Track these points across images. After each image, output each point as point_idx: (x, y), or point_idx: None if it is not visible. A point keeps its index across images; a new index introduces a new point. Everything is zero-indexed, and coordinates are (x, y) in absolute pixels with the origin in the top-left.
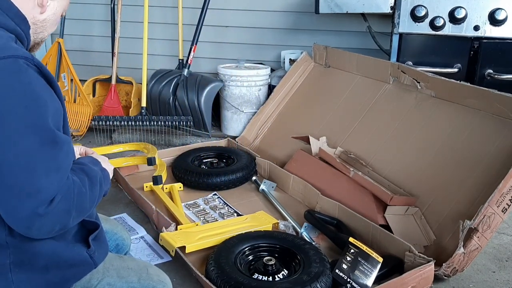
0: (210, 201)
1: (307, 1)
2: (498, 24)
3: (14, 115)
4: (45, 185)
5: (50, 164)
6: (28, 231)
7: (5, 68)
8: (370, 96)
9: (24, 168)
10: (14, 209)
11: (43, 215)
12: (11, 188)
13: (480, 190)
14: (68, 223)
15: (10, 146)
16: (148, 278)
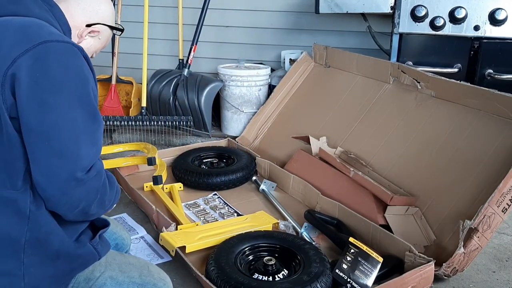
0: (210, 201)
1: (307, 1)
2: (498, 24)
3: (68, 88)
4: (84, 154)
5: (90, 137)
6: (61, 197)
7: (65, 50)
8: (370, 96)
9: (70, 134)
10: (56, 171)
11: (79, 182)
12: (56, 151)
13: (480, 190)
14: (90, 207)
15: (61, 113)
16: (149, 275)
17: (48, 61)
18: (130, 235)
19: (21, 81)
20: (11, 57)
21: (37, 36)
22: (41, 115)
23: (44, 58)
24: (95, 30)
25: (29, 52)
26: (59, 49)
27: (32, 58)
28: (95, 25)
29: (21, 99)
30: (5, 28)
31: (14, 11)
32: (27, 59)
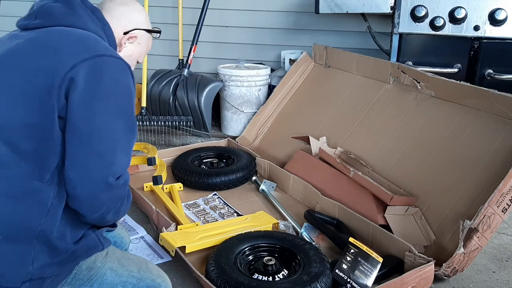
0: (210, 201)
1: (307, 1)
2: (498, 24)
3: (115, 99)
4: (119, 161)
5: (126, 147)
6: (88, 197)
7: (117, 65)
8: (370, 96)
9: (110, 140)
10: (90, 172)
11: (108, 186)
12: (95, 153)
13: (480, 190)
14: (108, 214)
15: (106, 120)
16: (148, 271)
17: (102, 72)
18: (130, 235)
19: (77, 85)
20: (70, 63)
21: (95, 49)
22: (89, 118)
23: (99, 69)
24: (132, 36)
25: (87, 61)
26: (112, 63)
27: (89, 67)
28: (131, 31)
29: (74, 102)
30: (66, 38)
31: (73, 23)
32: (84, 67)
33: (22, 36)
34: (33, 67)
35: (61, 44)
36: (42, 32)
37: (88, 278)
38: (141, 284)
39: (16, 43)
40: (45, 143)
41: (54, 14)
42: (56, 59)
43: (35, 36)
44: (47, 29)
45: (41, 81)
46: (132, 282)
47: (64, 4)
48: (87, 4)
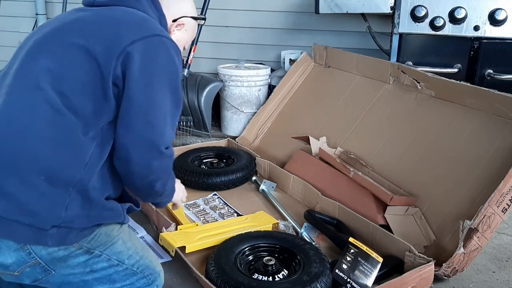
0: (210, 201)
1: (307, 1)
2: (498, 24)
3: (168, 75)
4: (168, 133)
5: (172, 120)
6: (140, 161)
7: (172, 46)
8: (370, 96)
9: (163, 113)
10: (145, 139)
11: (159, 153)
12: (149, 123)
13: (480, 190)
14: (156, 183)
15: (159, 94)
16: (148, 253)
17: (158, 50)
18: None
19: (135, 59)
20: (131, 38)
21: (153, 29)
22: (146, 91)
23: (156, 47)
24: (180, 23)
25: (146, 39)
26: (167, 43)
27: (147, 43)
28: (180, 19)
29: (132, 74)
30: (129, 15)
31: (135, 7)
32: (143, 44)
33: (89, 9)
34: (95, 33)
35: (124, 19)
36: (107, 8)
37: (104, 243)
38: (141, 262)
39: (83, 14)
40: (96, 103)
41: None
42: (118, 31)
43: (101, 10)
44: (112, 7)
45: (100, 47)
46: (136, 258)
47: None
48: None
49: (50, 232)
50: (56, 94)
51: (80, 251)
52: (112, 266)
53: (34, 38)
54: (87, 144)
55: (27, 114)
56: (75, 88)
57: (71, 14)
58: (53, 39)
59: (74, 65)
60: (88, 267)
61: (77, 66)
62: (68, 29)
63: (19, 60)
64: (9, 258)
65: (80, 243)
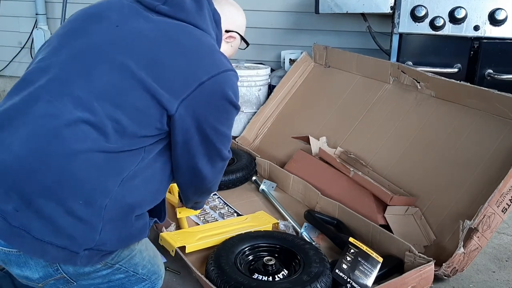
0: (210, 201)
1: (307, 1)
2: (498, 24)
3: (228, 115)
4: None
5: (228, 145)
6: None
7: (236, 78)
8: (370, 96)
9: (225, 142)
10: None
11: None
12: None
13: (480, 190)
14: (213, 186)
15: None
16: (157, 257)
17: (223, 91)
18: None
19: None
20: (197, 81)
21: (221, 64)
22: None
23: (222, 89)
24: (231, 36)
25: (213, 78)
26: (231, 78)
27: (213, 85)
28: (232, 32)
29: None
30: (200, 46)
31: (198, 24)
32: (209, 85)
33: (151, 19)
34: (162, 61)
35: (194, 50)
36: (173, 27)
37: (125, 257)
38: (152, 269)
39: (144, 26)
40: (147, 130)
41: (185, 8)
42: (188, 63)
43: (166, 27)
44: (177, 24)
45: (164, 89)
46: (148, 266)
47: (195, 1)
48: (211, 6)
49: (81, 254)
50: (108, 118)
51: (104, 267)
52: (127, 277)
53: (83, 41)
54: (128, 162)
55: (75, 137)
56: (129, 114)
57: (130, 18)
58: (111, 52)
59: (131, 94)
60: (107, 278)
61: (135, 97)
62: (129, 47)
63: (64, 63)
64: (36, 274)
65: (106, 261)
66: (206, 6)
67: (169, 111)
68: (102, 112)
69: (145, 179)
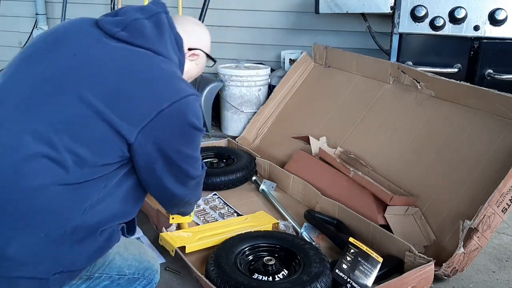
0: (210, 201)
1: (307, 1)
2: (498, 24)
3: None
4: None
5: (196, 165)
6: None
7: (197, 102)
8: (370, 96)
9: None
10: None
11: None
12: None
13: (480, 190)
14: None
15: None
16: (145, 253)
17: (184, 116)
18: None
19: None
20: (157, 109)
21: (181, 90)
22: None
23: (183, 114)
24: (195, 54)
25: (173, 105)
26: (192, 102)
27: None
28: (196, 50)
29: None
30: (159, 75)
31: (158, 51)
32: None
33: (110, 46)
34: (121, 91)
35: (152, 80)
36: (132, 54)
37: (102, 264)
38: (141, 266)
39: (104, 54)
40: (109, 159)
41: (144, 35)
42: (147, 93)
43: (126, 55)
44: (136, 52)
45: (124, 107)
46: (135, 265)
47: (155, 26)
48: (173, 30)
49: (52, 279)
50: (68, 152)
51: (80, 281)
52: (113, 281)
53: (41, 70)
54: (91, 190)
55: (35, 172)
56: (88, 146)
57: (89, 46)
58: (69, 83)
59: (90, 126)
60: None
61: (93, 128)
62: (87, 78)
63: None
64: None
65: (80, 275)
66: (167, 30)
67: (128, 140)
68: (61, 146)
69: (110, 203)
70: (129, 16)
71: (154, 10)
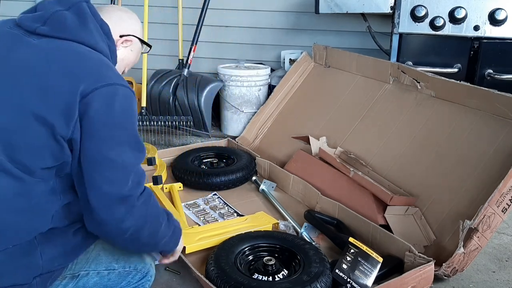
0: (210, 201)
1: (307, 1)
2: (498, 24)
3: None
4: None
5: (136, 169)
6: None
7: (127, 94)
8: (370, 96)
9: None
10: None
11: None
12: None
13: (480, 190)
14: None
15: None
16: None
17: (114, 101)
18: None
19: (89, 115)
20: (85, 91)
21: (107, 77)
22: (101, 148)
23: (111, 98)
24: (128, 40)
25: (100, 89)
26: (123, 92)
27: (102, 96)
28: (128, 36)
29: (86, 131)
30: (83, 63)
31: (84, 40)
32: (97, 96)
33: (32, 44)
34: (48, 88)
35: (77, 68)
36: (55, 48)
37: (86, 261)
38: (131, 259)
39: (26, 54)
40: (51, 161)
41: (66, 26)
42: (73, 83)
43: (49, 50)
44: (60, 44)
45: (53, 112)
46: (123, 258)
47: (77, 16)
48: (97, 17)
49: (33, 282)
50: (13, 163)
51: (65, 281)
52: (103, 277)
53: None
54: (51, 202)
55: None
56: (29, 153)
57: (12, 48)
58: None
59: (25, 131)
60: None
61: (29, 132)
62: (12, 82)
63: None
64: None
65: (63, 275)
66: (91, 18)
67: (65, 137)
68: (6, 159)
69: (77, 203)
70: (48, 9)
71: (73, 0)
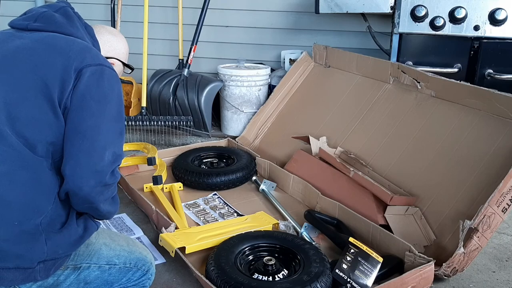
0: (210, 201)
1: (307, 1)
2: (498, 24)
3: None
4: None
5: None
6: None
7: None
8: (370, 96)
9: (102, 140)
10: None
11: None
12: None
13: (480, 190)
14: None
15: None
16: (134, 245)
17: (103, 78)
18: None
19: (79, 87)
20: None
21: (97, 58)
22: (85, 118)
23: (100, 76)
24: (112, 62)
25: (91, 67)
26: (110, 72)
27: (91, 72)
28: (111, 58)
29: (74, 102)
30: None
31: (72, 33)
32: (88, 72)
33: (25, 36)
34: (44, 63)
35: (69, 48)
36: (47, 35)
37: (88, 254)
38: (132, 256)
39: (21, 42)
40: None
41: (55, 21)
42: (66, 59)
43: (41, 37)
44: (51, 34)
45: (51, 76)
46: (124, 254)
47: (64, 16)
48: (82, 20)
49: (37, 268)
50: (16, 136)
51: (67, 271)
52: (104, 271)
53: None
54: (53, 182)
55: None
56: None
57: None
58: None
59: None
60: (81, 282)
61: (31, 102)
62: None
63: None
64: None
65: (65, 265)
66: (77, 19)
67: (61, 104)
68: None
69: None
70: (38, 11)
71: (59, 5)
